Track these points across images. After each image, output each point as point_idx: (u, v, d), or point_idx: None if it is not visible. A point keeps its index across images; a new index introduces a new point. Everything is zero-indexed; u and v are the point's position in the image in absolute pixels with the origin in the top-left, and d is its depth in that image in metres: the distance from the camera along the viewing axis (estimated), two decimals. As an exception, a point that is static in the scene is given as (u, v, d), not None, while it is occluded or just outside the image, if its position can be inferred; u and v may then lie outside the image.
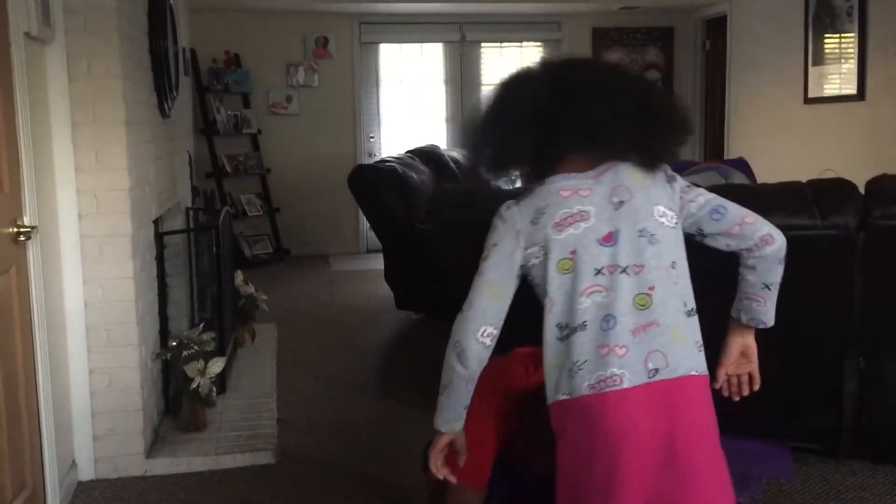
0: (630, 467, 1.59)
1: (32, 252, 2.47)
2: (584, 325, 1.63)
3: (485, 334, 1.69)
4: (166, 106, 3.76)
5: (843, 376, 2.90)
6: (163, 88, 3.68)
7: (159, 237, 3.47)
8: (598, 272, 1.64)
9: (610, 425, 1.60)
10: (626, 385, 1.60)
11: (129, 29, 3.08)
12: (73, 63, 2.82)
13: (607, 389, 1.60)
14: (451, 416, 1.77)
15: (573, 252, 1.65)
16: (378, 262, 5.88)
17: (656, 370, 1.62)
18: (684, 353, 1.66)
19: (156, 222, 3.44)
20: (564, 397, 1.64)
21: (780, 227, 2.83)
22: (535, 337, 1.73)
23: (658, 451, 1.62)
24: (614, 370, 1.60)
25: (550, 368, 1.67)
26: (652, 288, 1.65)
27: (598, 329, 1.62)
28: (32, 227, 2.43)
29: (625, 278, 1.64)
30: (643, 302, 1.64)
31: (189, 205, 4.81)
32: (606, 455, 1.60)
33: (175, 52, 4.31)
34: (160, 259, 3.46)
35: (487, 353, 1.71)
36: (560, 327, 1.65)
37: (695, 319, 1.72)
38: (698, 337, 1.72)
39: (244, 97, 7.72)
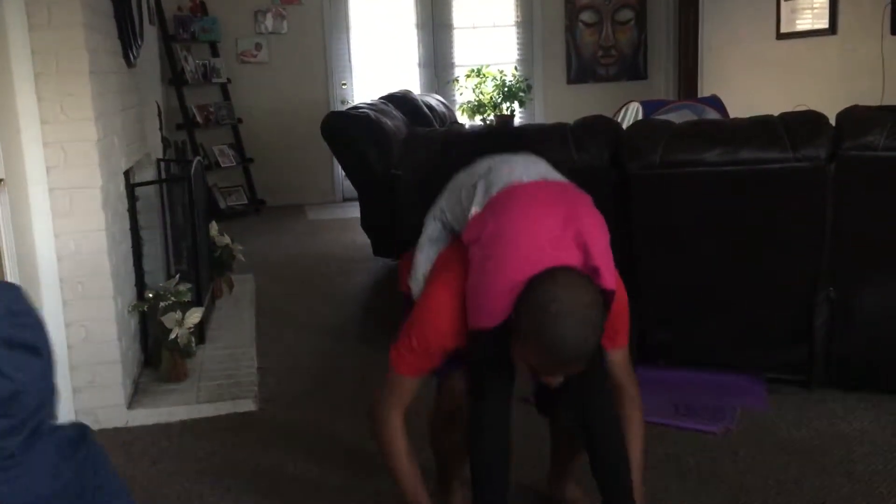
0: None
1: (0, 206, 2.44)
2: None
3: None
4: (131, 55, 3.69)
5: (815, 307, 2.95)
6: (127, 37, 3.60)
7: (130, 189, 3.43)
8: None
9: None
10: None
11: (89, -25, 3.00)
12: (32, 12, 2.74)
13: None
14: None
15: None
16: (354, 211, 5.86)
17: None
18: None
19: (126, 174, 3.40)
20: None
21: (752, 160, 2.88)
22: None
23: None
24: None
25: None
26: None
27: None
28: (0, 181, 2.40)
29: None
30: None
31: (160, 156, 4.74)
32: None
33: (138, 0, 4.21)
34: (132, 211, 3.42)
35: None
36: None
37: None
38: None
39: (212, 46, 7.58)
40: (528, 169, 1.92)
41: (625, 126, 4.74)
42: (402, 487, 1.99)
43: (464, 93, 7.68)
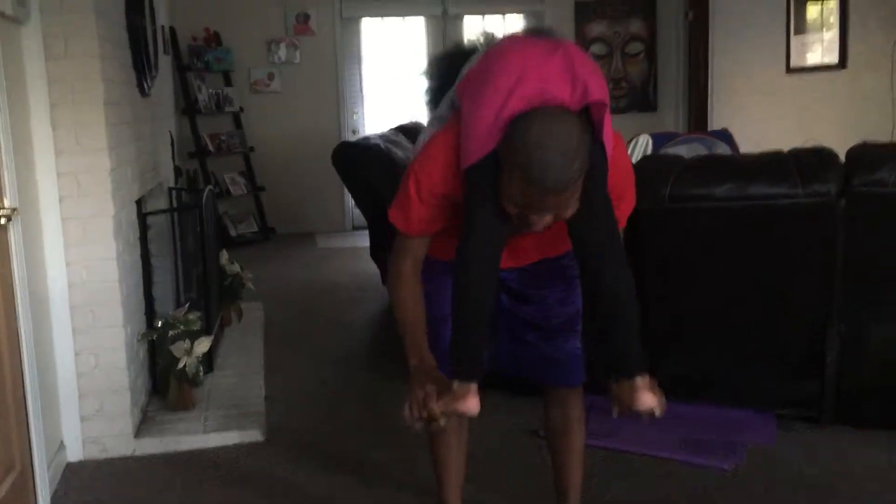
0: None
1: (14, 235, 2.46)
2: None
3: None
4: (146, 85, 3.73)
5: (826, 342, 2.93)
6: (142, 67, 3.65)
7: (142, 217, 3.45)
8: None
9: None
10: None
11: (106, 7, 3.04)
12: (49, 43, 2.79)
13: None
14: None
15: None
16: (364, 240, 5.87)
17: None
18: None
19: (138, 203, 3.42)
20: None
21: (762, 196, 2.88)
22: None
23: None
24: None
25: None
26: None
27: None
28: (13, 210, 2.42)
29: None
30: None
31: (172, 185, 4.78)
32: None
33: (153, 31, 4.27)
34: (144, 240, 3.44)
35: None
36: None
37: None
38: None
39: (226, 75, 7.66)
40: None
41: (635, 159, 4.76)
42: (402, 335, 1.94)
43: (474, 123, 7.71)
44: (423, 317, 1.94)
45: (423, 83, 2.26)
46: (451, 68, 2.09)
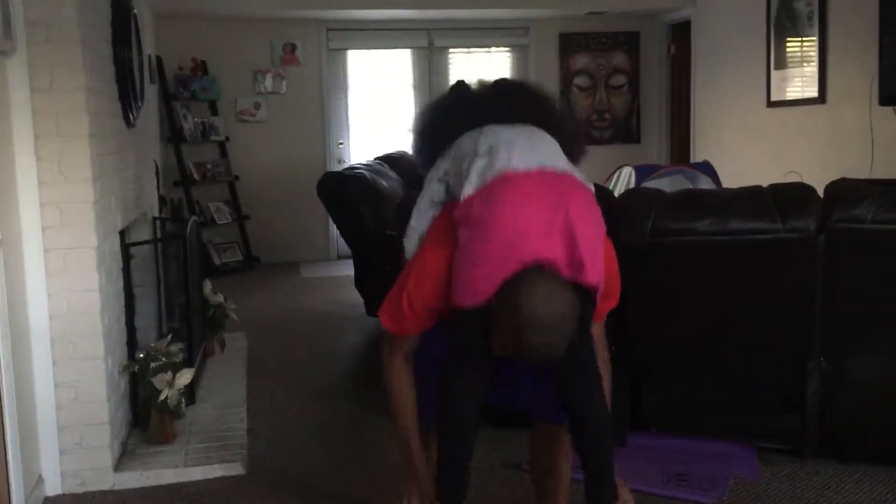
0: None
1: (-5, 266, 2.45)
2: None
3: None
4: (131, 115, 3.74)
5: (806, 377, 2.95)
6: (127, 98, 3.66)
7: (125, 248, 3.44)
8: None
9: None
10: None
11: (92, 39, 3.06)
12: (35, 75, 2.79)
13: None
14: None
15: None
16: (348, 269, 5.86)
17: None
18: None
19: (122, 233, 3.42)
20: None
21: (742, 230, 2.91)
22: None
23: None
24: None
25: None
26: None
27: None
28: (-5, 241, 2.41)
29: None
30: None
31: (156, 214, 4.77)
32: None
33: (140, 61, 4.29)
34: (127, 270, 3.43)
35: None
36: None
37: None
38: None
39: (212, 104, 7.68)
40: (528, 156, 1.97)
41: (618, 191, 4.80)
42: (399, 432, 2.08)
43: (459, 154, 7.75)
44: (415, 404, 2.06)
45: (414, 142, 2.30)
46: (441, 124, 2.21)
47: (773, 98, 6.50)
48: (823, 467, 2.96)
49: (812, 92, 6.02)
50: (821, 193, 2.95)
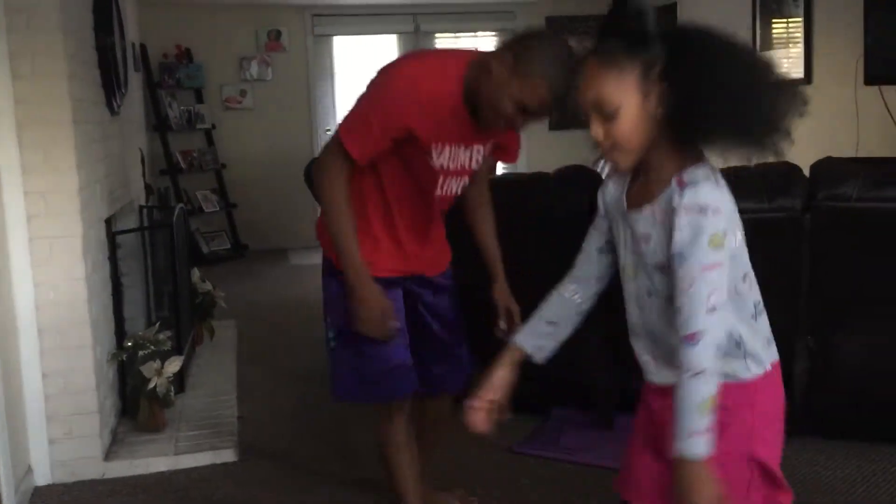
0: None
1: (-21, 256, 2.44)
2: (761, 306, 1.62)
3: None
4: (115, 103, 3.71)
5: (794, 355, 2.96)
6: (111, 85, 3.63)
7: (112, 237, 3.42)
8: None
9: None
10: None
11: (74, 26, 3.03)
12: (16, 62, 2.77)
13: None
14: None
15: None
16: (337, 256, 5.85)
17: None
18: None
19: (108, 221, 3.40)
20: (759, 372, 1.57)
21: (729, 211, 2.91)
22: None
23: None
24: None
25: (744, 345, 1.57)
26: None
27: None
28: (-21, 231, 2.40)
29: None
30: None
31: (143, 203, 4.75)
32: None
33: (123, 48, 4.25)
34: (113, 259, 3.42)
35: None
36: (755, 304, 1.61)
37: None
38: None
39: (197, 92, 7.63)
40: None
41: (605, 174, 4.80)
42: (340, 247, 2.10)
43: (447, 139, 7.75)
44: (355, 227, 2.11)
45: None
46: None
47: (760, 79, 6.50)
48: (812, 444, 2.97)
49: (798, 73, 6.02)
50: (807, 172, 2.96)
